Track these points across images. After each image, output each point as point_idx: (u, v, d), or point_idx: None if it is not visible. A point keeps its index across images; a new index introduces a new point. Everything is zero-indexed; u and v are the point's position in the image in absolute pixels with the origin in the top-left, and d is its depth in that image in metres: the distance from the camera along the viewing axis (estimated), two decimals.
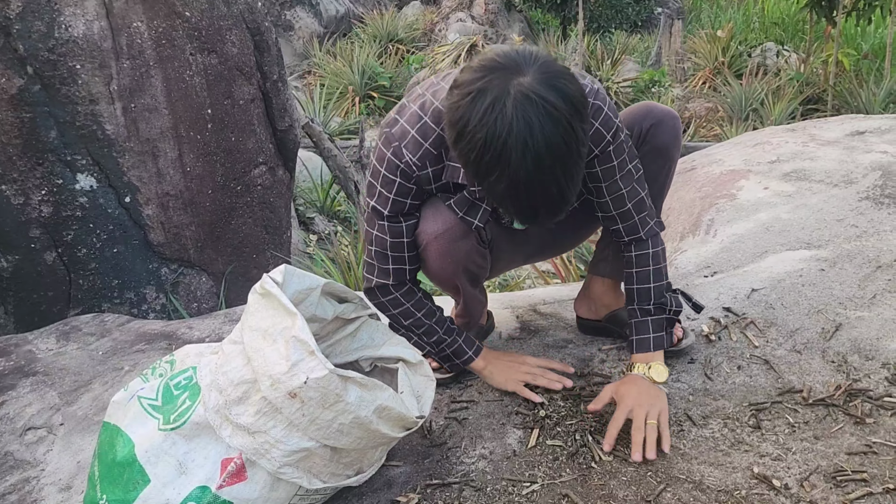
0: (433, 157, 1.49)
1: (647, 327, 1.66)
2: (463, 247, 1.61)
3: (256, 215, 3.92)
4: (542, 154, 1.20)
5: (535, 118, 1.19)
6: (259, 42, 3.79)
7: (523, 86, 1.20)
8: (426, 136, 1.48)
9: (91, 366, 2.24)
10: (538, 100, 1.19)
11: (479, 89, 1.22)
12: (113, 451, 1.40)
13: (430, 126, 1.47)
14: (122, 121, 3.36)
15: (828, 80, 7.97)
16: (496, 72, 1.23)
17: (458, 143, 1.25)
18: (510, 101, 1.19)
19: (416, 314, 1.69)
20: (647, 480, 1.47)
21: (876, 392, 1.60)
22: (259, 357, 1.34)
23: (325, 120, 7.11)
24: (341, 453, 1.41)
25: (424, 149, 1.48)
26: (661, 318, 1.66)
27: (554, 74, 1.23)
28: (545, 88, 1.20)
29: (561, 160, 1.22)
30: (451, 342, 1.73)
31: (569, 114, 1.21)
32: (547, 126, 1.19)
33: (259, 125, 3.85)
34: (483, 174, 1.25)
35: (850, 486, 1.38)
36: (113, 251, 3.42)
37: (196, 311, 3.74)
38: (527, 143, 1.19)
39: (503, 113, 1.19)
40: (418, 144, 1.48)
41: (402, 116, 1.51)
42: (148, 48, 3.40)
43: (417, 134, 1.48)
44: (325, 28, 10.29)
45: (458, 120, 1.24)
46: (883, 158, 2.48)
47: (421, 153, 1.48)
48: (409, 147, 1.48)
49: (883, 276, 1.90)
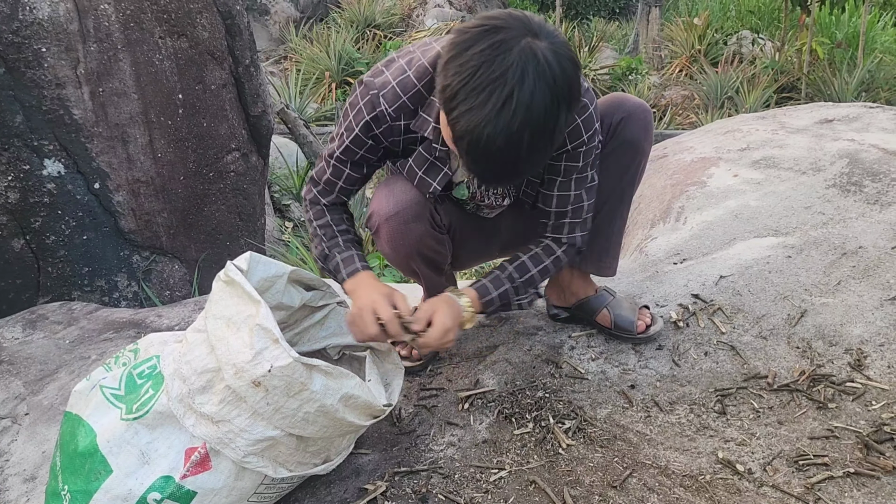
0: (408, 112, 1.50)
1: (501, 283, 1.65)
2: (415, 229, 1.61)
3: (230, 202, 3.87)
4: (521, 110, 1.18)
5: (532, 75, 1.18)
6: (230, 26, 3.74)
7: (535, 45, 1.19)
8: (406, 90, 1.49)
9: (57, 355, 2.22)
10: (543, 62, 1.19)
11: (494, 26, 1.21)
12: (74, 441, 1.38)
13: (412, 80, 1.48)
14: (90, 105, 3.29)
15: (802, 69, 8.03)
16: (516, 21, 1.22)
17: (451, 62, 1.22)
18: (518, 48, 1.18)
19: (313, 222, 1.71)
20: (614, 466, 1.48)
21: (839, 377, 1.62)
22: (223, 345, 1.33)
23: (301, 106, 7.04)
24: (307, 442, 1.40)
25: (402, 101, 1.49)
26: (509, 291, 1.66)
27: (565, 55, 1.22)
28: (553, 58, 1.20)
29: (533, 127, 1.20)
30: (331, 256, 1.68)
31: (562, 93, 1.20)
32: (539, 88, 1.18)
33: (231, 111, 3.80)
34: (458, 101, 1.21)
35: (812, 471, 1.40)
36: (83, 238, 3.37)
37: (169, 298, 3.70)
38: (512, 92, 1.17)
39: (507, 54, 1.18)
40: (397, 96, 1.49)
41: (387, 69, 1.52)
42: (116, 31, 3.34)
43: (398, 86, 1.49)
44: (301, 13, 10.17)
45: (461, 42, 1.22)
46: (850, 146, 2.50)
47: (398, 105, 1.49)
48: (388, 97, 1.49)
49: (848, 262, 1.92)
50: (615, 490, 1.41)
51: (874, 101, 7.40)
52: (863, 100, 7.48)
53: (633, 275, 2.10)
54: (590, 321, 1.88)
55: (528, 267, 1.67)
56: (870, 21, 8.92)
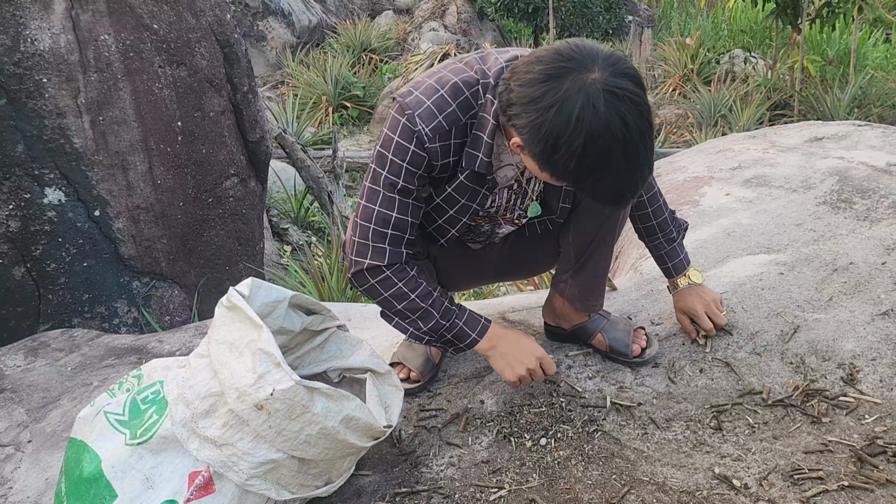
0: (444, 133, 1.47)
1: (677, 252, 1.85)
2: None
3: (229, 227, 3.91)
4: (638, 145, 1.26)
5: (626, 112, 1.24)
6: (229, 54, 3.79)
7: (603, 82, 1.24)
8: (441, 109, 1.46)
9: (60, 382, 2.23)
10: (623, 93, 1.24)
11: (560, 99, 1.24)
12: (79, 467, 1.40)
13: (447, 99, 1.46)
14: (91, 134, 3.34)
15: (794, 86, 8.11)
16: (566, 75, 1.26)
17: (554, 154, 1.27)
18: (599, 101, 1.23)
19: (409, 295, 1.56)
20: (612, 483, 1.50)
21: (832, 392, 1.64)
22: (225, 370, 1.35)
23: (298, 130, 7.10)
24: (309, 464, 1.43)
25: (438, 121, 1.46)
26: (681, 240, 1.86)
27: (618, 61, 1.28)
28: (622, 79, 1.25)
29: (651, 142, 1.30)
30: (451, 325, 1.60)
31: (644, 95, 1.27)
32: (636, 116, 1.25)
33: (230, 137, 3.85)
34: (585, 176, 1.29)
35: (807, 485, 1.42)
36: (83, 265, 3.40)
37: (169, 324, 3.72)
38: (626, 139, 1.24)
39: (597, 114, 1.23)
40: (433, 116, 1.45)
41: (416, 89, 1.49)
42: (115, 61, 3.39)
43: (433, 105, 1.46)
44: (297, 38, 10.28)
45: (548, 134, 1.26)
46: (839, 164, 2.54)
47: (434, 125, 1.46)
48: (423, 117, 1.45)
49: (839, 278, 1.95)
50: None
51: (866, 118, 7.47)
52: (854, 116, 7.54)
53: (628, 293, 2.12)
54: (586, 342, 1.91)
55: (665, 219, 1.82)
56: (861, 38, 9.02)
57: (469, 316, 1.63)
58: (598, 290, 1.86)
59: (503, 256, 1.89)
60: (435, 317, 1.58)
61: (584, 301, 1.85)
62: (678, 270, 1.87)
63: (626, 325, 1.88)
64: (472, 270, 1.88)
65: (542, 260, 1.91)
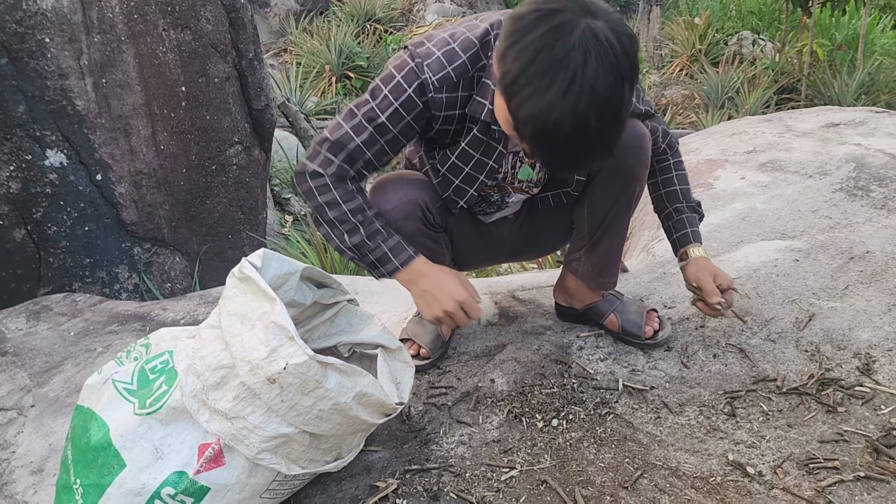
0: (451, 84, 1.46)
1: (685, 223, 1.78)
2: (406, 227, 1.62)
3: (232, 195, 3.87)
4: (586, 92, 1.15)
5: (594, 56, 1.14)
6: (234, 19, 3.72)
7: (595, 26, 1.16)
8: (451, 61, 1.45)
9: (63, 346, 2.21)
10: (605, 43, 1.15)
11: (551, 10, 1.18)
12: (87, 435, 1.38)
13: (458, 52, 1.45)
14: (93, 96, 3.28)
15: (802, 70, 8.04)
16: (572, 3, 1.19)
17: (510, 48, 1.19)
18: (578, 30, 1.15)
19: (342, 206, 1.53)
20: (624, 467, 1.48)
21: (847, 381, 1.63)
22: (237, 342, 1.33)
23: (301, 99, 7.02)
24: (320, 439, 1.41)
25: (446, 72, 1.45)
26: (694, 216, 1.79)
27: (623, 31, 1.19)
28: (613, 36, 1.17)
29: (600, 108, 1.16)
30: (375, 247, 1.55)
31: (625, 72, 1.17)
32: (602, 69, 1.15)
33: (234, 104, 3.79)
34: (520, 86, 1.18)
35: (822, 474, 1.41)
36: (84, 229, 3.36)
37: (169, 291, 3.69)
38: (576, 75, 1.14)
39: (567, 37, 1.15)
40: (441, 66, 1.45)
41: (429, 41, 1.49)
42: (119, 23, 3.33)
43: (443, 57, 1.45)
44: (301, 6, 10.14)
45: (519, 28, 1.19)
46: (856, 151, 2.50)
47: (441, 75, 1.45)
48: (433, 67, 1.45)
49: (855, 267, 1.93)
50: (626, 491, 1.41)
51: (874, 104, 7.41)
52: (862, 102, 7.49)
53: (640, 275, 2.10)
54: (598, 323, 1.89)
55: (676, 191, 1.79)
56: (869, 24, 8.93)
57: (396, 244, 1.56)
58: (613, 268, 1.83)
59: (516, 234, 1.86)
60: (361, 234, 1.54)
61: (598, 278, 1.83)
62: (683, 241, 1.79)
63: (639, 307, 1.86)
64: (485, 248, 1.86)
65: (554, 238, 1.89)
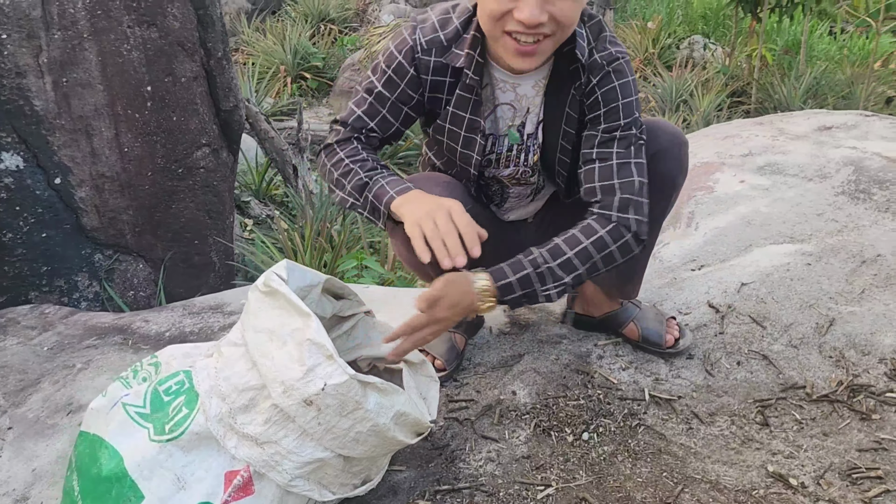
0: (441, 47, 1.51)
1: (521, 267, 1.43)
2: None
3: (199, 199, 3.71)
4: None
5: None
6: (203, 16, 3.57)
7: None
8: (444, 26, 1.52)
9: (37, 363, 2.06)
10: None
11: None
12: (97, 464, 1.26)
13: (451, 18, 1.52)
14: (53, 96, 3.12)
15: (752, 74, 8.22)
16: None
17: None
18: None
19: (344, 161, 1.54)
20: (664, 481, 1.43)
21: (877, 388, 1.61)
22: (267, 361, 1.23)
23: (257, 100, 6.85)
24: (352, 462, 1.32)
25: (436, 35, 1.51)
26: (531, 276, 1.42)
27: None
28: None
29: None
30: (373, 183, 1.48)
31: None
32: None
33: (202, 105, 3.64)
34: None
35: (867, 484, 1.39)
36: (42, 236, 3.18)
37: (132, 299, 3.52)
38: None
39: None
40: (433, 29, 1.52)
41: (433, 10, 1.56)
42: (81, 19, 3.16)
43: (438, 22, 1.52)
44: (253, 4, 9.91)
45: None
46: (853, 154, 2.53)
47: (431, 37, 1.51)
48: (425, 30, 1.52)
49: (868, 270, 1.93)
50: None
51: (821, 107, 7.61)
52: (809, 106, 7.68)
53: (650, 281, 2.06)
54: (615, 332, 1.84)
55: (561, 249, 1.43)
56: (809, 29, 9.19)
57: (394, 179, 1.48)
58: (637, 277, 1.78)
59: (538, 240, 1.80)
60: (359, 173, 1.51)
61: (622, 288, 1.78)
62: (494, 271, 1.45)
63: (658, 315, 1.81)
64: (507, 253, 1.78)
65: None
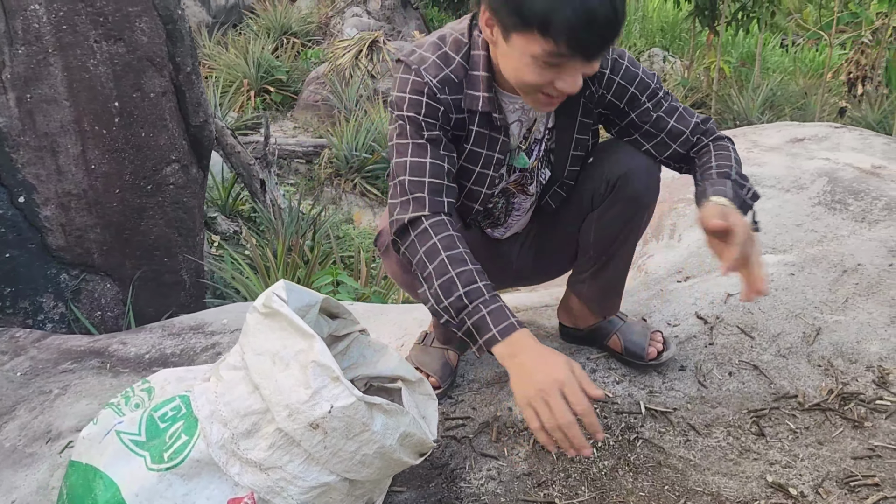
0: (452, 85, 1.45)
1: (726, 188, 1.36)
2: None
3: (168, 216, 3.64)
4: None
5: None
6: (171, 31, 3.52)
7: None
8: (447, 62, 1.45)
9: (11, 389, 1.99)
10: None
11: None
12: (91, 495, 1.22)
13: (451, 55, 1.46)
14: (16, 112, 3.05)
15: (711, 86, 8.39)
16: None
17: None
18: None
19: (440, 254, 1.34)
20: (665, 495, 1.43)
21: (867, 395, 1.64)
22: (270, 384, 1.20)
23: (221, 115, 6.76)
24: (357, 485, 1.29)
25: (445, 74, 1.45)
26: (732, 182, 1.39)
27: None
28: None
29: None
30: (474, 310, 1.29)
31: None
32: None
33: (171, 120, 3.58)
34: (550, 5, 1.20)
35: (864, 492, 1.40)
36: (5, 256, 3.10)
37: (100, 320, 3.44)
38: None
39: None
40: (439, 68, 1.45)
41: (419, 48, 1.49)
42: (46, 33, 3.10)
43: (438, 59, 1.45)
44: (213, 18, 9.80)
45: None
46: (826, 165, 2.59)
47: (441, 77, 1.44)
48: (430, 71, 1.44)
49: (850, 280, 1.97)
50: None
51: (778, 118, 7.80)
52: (767, 117, 7.86)
53: (636, 293, 2.07)
54: (603, 345, 1.84)
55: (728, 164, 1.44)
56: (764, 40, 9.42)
57: (498, 308, 1.29)
58: (617, 292, 1.80)
59: (524, 255, 1.80)
60: (459, 291, 1.30)
61: (602, 303, 1.79)
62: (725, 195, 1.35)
63: (643, 328, 1.82)
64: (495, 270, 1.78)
65: (560, 262, 1.83)
